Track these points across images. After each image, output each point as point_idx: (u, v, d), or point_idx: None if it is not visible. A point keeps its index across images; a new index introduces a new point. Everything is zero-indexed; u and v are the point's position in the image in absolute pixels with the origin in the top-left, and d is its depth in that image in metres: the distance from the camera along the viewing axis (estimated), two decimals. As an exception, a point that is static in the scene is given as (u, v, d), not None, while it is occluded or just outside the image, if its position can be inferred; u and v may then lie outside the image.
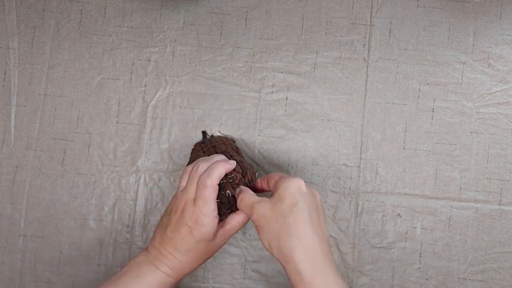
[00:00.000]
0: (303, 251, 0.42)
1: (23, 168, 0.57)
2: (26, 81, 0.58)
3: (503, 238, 0.55)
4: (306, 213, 0.43)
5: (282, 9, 0.58)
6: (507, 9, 0.57)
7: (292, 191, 0.44)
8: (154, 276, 0.46)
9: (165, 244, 0.46)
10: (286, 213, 0.43)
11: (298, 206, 0.43)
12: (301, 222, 0.43)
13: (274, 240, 0.43)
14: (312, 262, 0.42)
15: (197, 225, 0.45)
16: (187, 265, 0.46)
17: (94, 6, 0.59)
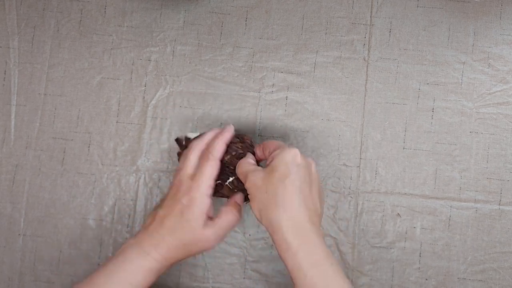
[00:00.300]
0: (290, 221, 0.42)
1: (23, 168, 0.57)
2: (26, 80, 0.58)
3: (503, 238, 0.55)
4: (297, 185, 0.43)
5: (282, 9, 0.58)
6: (507, 9, 0.57)
7: (285, 162, 0.43)
8: (139, 259, 0.44)
9: (155, 223, 0.45)
10: (277, 184, 0.43)
11: (290, 177, 0.43)
12: (290, 194, 0.43)
13: (263, 210, 0.43)
14: (298, 232, 0.42)
15: (190, 201, 0.44)
16: (172, 249, 0.45)
17: (94, 5, 0.59)
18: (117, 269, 0.44)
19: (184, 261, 0.56)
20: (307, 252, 0.42)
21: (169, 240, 0.45)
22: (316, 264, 0.41)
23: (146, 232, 0.46)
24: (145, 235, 0.45)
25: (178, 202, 0.45)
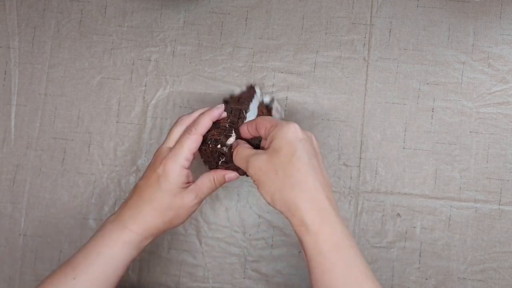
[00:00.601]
0: (309, 201, 0.40)
1: (24, 168, 0.57)
2: (27, 80, 0.58)
3: (502, 238, 0.55)
4: (306, 160, 0.41)
5: (282, 9, 0.58)
6: (507, 9, 0.57)
7: (288, 139, 0.41)
8: (117, 232, 0.43)
9: (134, 194, 0.45)
10: (285, 164, 0.41)
11: (297, 154, 0.41)
12: (303, 171, 0.40)
13: (276, 193, 0.41)
14: (318, 211, 0.40)
15: (165, 170, 0.44)
16: (150, 219, 0.44)
17: (95, 5, 0.59)
18: (97, 244, 0.43)
19: (184, 261, 0.56)
20: (328, 233, 0.39)
21: (146, 210, 0.44)
22: (337, 247, 0.39)
23: (125, 206, 0.45)
24: (123, 208, 0.45)
25: (154, 172, 0.44)
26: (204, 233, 0.57)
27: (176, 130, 0.46)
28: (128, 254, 0.44)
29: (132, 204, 0.45)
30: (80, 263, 0.43)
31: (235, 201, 0.57)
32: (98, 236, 0.44)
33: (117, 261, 0.43)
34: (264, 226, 0.57)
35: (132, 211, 0.44)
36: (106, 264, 0.43)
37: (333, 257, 0.39)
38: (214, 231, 0.57)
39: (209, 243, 0.57)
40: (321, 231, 0.39)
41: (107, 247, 0.43)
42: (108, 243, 0.43)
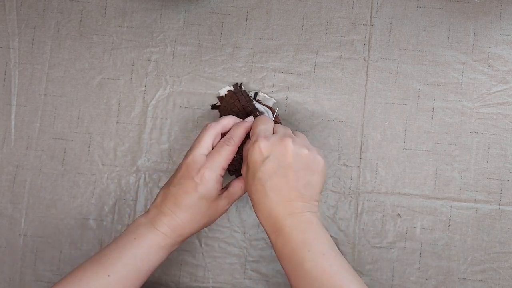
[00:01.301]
0: (263, 218, 0.44)
1: (24, 168, 0.57)
2: (27, 81, 0.58)
3: (503, 238, 0.55)
4: (263, 182, 0.43)
5: (282, 9, 0.58)
6: (507, 9, 0.57)
7: (253, 160, 0.44)
8: (151, 236, 0.45)
9: (167, 200, 0.46)
10: (250, 184, 0.45)
11: (256, 176, 0.44)
12: (260, 192, 0.43)
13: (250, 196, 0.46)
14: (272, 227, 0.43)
15: (204, 180, 0.45)
16: (186, 225, 0.46)
17: (95, 6, 0.59)
18: (129, 246, 0.44)
19: (184, 261, 0.56)
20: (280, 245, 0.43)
21: (183, 216, 0.45)
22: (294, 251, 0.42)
23: (158, 210, 0.46)
24: (157, 213, 0.46)
25: (191, 180, 0.45)
26: (204, 233, 0.57)
27: (206, 138, 0.47)
28: (160, 257, 0.46)
29: (166, 210, 0.46)
30: (114, 263, 0.44)
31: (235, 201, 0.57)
32: (131, 238, 0.45)
33: (149, 263, 0.45)
34: (264, 226, 0.57)
35: (167, 217, 0.45)
36: (139, 265, 0.44)
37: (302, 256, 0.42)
38: (214, 231, 0.57)
39: (209, 243, 0.57)
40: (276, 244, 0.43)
41: (142, 250, 0.44)
42: (143, 246, 0.45)
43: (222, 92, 0.56)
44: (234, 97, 0.55)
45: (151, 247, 0.45)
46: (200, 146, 0.47)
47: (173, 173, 0.48)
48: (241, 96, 0.55)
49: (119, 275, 0.43)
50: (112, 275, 0.43)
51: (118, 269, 0.43)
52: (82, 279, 0.43)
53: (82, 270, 0.44)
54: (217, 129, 0.48)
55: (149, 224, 0.46)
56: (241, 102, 0.54)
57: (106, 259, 0.44)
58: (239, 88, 0.57)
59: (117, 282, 0.43)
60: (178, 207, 0.45)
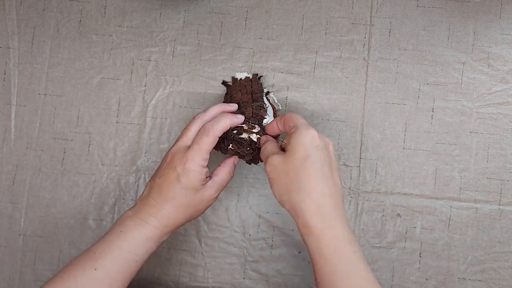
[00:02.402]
0: (312, 205, 0.42)
1: (23, 168, 0.57)
2: (26, 80, 0.58)
3: (502, 238, 0.55)
4: (318, 167, 0.42)
5: (282, 9, 0.58)
6: (507, 9, 0.57)
7: (304, 144, 0.43)
8: (139, 229, 0.45)
9: (153, 192, 0.46)
10: (298, 167, 0.42)
11: (310, 159, 0.42)
12: (312, 177, 0.42)
13: (285, 194, 0.43)
14: (321, 216, 0.41)
15: (185, 170, 0.45)
16: (172, 216, 0.45)
17: (94, 5, 0.59)
18: (118, 239, 0.44)
19: (184, 261, 0.56)
20: (330, 238, 0.41)
21: (168, 207, 0.45)
22: (338, 250, 0.41)
23: (143, 202, 0.46)
24: (143, 205, 0.46)
25: (173, 170, 0.45)
26: (204, 233, 0.57)
27: (193, 128, 0.47)
28: (148, 248, 0.45)
29: (151, 201, 0.46)
30: (101, 256, 0.44)
31: (235, 201, 0.57)
32: (117, 232, 0.45)
33: (137, 255, 0.45)
34: (264, 226, 0.57)
35: (153, 209, 0.45)
36: (127, 258, 0.44)
37: (334, 260, 0.41)
38: (214, 231, 0.57)
39: (209, 243, 0.57)
40: (323, 235, 0.41)
41: (128, 242, 0.44)
42: (129, 238, 0.45)
43: (239, 76, 0.56)
44: (249, 83, 0.55)
45: (138, 239, 0.45)
46: (185, 136, 0.47)
47: (159, 164, 0.48)
48: (255, 85, 0.54)
49: (106, 268, 0.43)
50: (100, 269, 0.43)
51: (105, 263, 0.43)
52: (70, 274, 0.43)
53: (70, 266, 0.44)
54: (204, 120, 0.48)
55: (135, 216, 0.45)
56: (253, 88, 0.54)
57: (93, 253, 0.44)
58: (257, 78, 0.57)
59: (105, 275, 0.43)
60: (164, 198, 0.45)
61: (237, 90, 0.54)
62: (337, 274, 0.40)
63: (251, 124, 0.49)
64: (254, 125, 0.49)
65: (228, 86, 0.57)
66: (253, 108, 0.50)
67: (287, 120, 0.46)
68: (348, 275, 0.40)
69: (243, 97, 0.52)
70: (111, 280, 0.43)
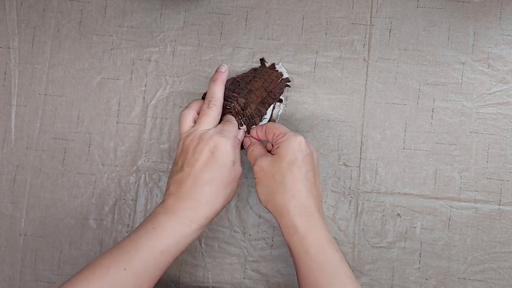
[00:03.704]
0: (298, 206, 0.44)
1: (24, 168, 0.57)
2: (27, 80, 0.58)
3: (502, 238, 0.55)
4: (303, 172, 0.45)
5: (282, 9, 0.58)
6: (507, 9, 0.57)
7: (292, 149, 0.45)
8: (173, 225, 0.42)
9: (183, 183, 0.44)
10: (284, 170, 0.45)
11: (297, 164, 0.45)
12: (298, 181, 0.45)
13: (269, 195, 0.46)
14: (307, 216, 0.44)
15: (219, 145, 0.44)
16: (210, 201, 0.44)
17: (95, 6, 0.59)
18: (147, 237, 0.42)
19: (184, 261, 0.56)
20: (314, 237, 0.43)
21: (205, 194, 0.44)
22: (323, 249, 0.43)
23: (175, 197, 0.44)
24: (175, 200, 0.44)
25: (204, 152, 0.44)
26: (204, 233, 0.57)
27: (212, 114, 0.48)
28: (181, 246, 0.43)
29: (185, 194, 0.44)
30: (131, 255, 0.41)
31: (235, 201, 0.57)
32: (149, 228, 0.42)
33: (169, 254, 0.43)
34: (264, 226, 0.57)
35: (188, 202, 0.43)
36: (157, 257, 0.42)
37: (319, 258, 0.43)
38: (214, 231, 0.57)
39: (209, 243, 0.57)
40: (308, 235, 0.43)
41: (161, 241, 0.42)
42: (162, 237, 0.42)
43: (279, 69, 0.56)
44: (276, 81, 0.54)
45: (171, 238, 0.42)
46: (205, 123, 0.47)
47: (174, 162, 0.47)
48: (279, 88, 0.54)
49: (135, 269, 0.40)
50: (128, 269, 0.40)
51: (134, 262, 0.41)
52: (95, 273, 0.40)
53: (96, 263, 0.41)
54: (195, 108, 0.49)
55: (169, 213, 0.43)
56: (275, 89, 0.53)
57: (121, 251, 0.41)
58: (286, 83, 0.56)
59: (133, 275, 0.40)
60: (199, 185, 0.43)
61: (263, 77, 0.53)
62: (323, 272, 0.42)
63: (241, 121, 0.49)
64: (242, 123, 0.50)
65: (260, 68, 0.56)
66: (253, 110, 0.50)
67: (271, 129, 0.48)
68: (333, 273, 0.42)
69: (260, 89, 0.52)
70: (139, 280, 0.41)
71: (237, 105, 0.49)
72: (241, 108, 0.49)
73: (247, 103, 0.50)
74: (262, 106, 0.51)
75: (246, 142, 0.50)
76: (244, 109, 0.49)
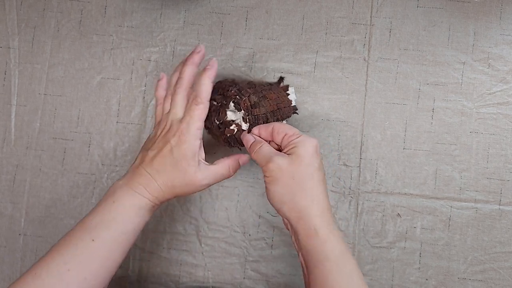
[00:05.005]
0: (320, 210, 0.44)
1: (24, 168, 0.57)
2: (27, 80, 0.58)
3: (503, 238, 0.55)
4: (322, 177, 0.45)
5: (282, 9, 0.58)
6: (507, 9, 0.57)
7: (310, 152, 0.45)
8: (130, 199, 0.45)
9: (145, 164, 0.46)
10: (305, 173, 0.44)
11: (316, 168, 0.45)
12: (318, 185, 0.45)
13: (287, 196, 0.44)
14: (326, 222, 0.44)
15: (179, 142, 0.45)
16: (163, 188, 0.45)
17: (95, 5, 0.59)
18: (110, 210, 0.44)
19: (184, 261, 0.56)
20: (334, 242, 0.43)
21: (159, 179, 0.45)
22: (342, 253, 0.43)
23: (135, 173, 0.46)
24: (135, 175, 0.46)
25: (167, 143, 0.45)
26: (204, 233, 0.57)
27: (179, 100, 0.48)
28: (141, 217, 0.45)
29: (142, 171, 0.45)
30: (97, 227, 0.43)
31: (235, 201, 0.57)
32: (110, 202, 0.45)
33: (131, 224, 0.44)
34: (264, 226, 0.57)
35: (143, 178, 0.45)
36: (121, 227, 0.44)
37: (339, 262, 0.43)
38: (214, 231, 0.57)
39: (209, 243, 0.57)
40: (329, 239, 0.43)
41: (121, 213, 0.44)
42: (121, 208, 0.44)
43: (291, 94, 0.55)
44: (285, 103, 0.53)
45: (131, 209, 0.44)
46: (175, 109, 0.47)
47: (151, 135, 0.48)
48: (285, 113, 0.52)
49: (103, 239, 0.43)
50: (97, 239, 0.43)
51: (101, 233, 0.43)
52: (67, 246, 0.42)
53: (66, 237, 0.43)
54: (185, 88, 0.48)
55: (126, 186, 0.45)
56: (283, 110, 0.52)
57: (89, 224, 0.43)
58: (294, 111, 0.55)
59: (103, 245, 0.43)
60: (155, 171, 0.45)
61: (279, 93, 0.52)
62: (343, 274, 0.43)
63: (247, 118, 0.49)
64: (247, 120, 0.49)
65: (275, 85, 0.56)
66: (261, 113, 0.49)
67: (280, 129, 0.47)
68: (351, 274, 0.43)
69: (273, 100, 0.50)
70: (109, 249, 0.43)
71: (248, 101, 0.49)
72: (250, 105, 0.49)
73: (258, 103, 0.49)
74: (270, 116, 0.50)
75: (248, 139, 0.48)
76: (253, 108, 0.49)
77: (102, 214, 0.44)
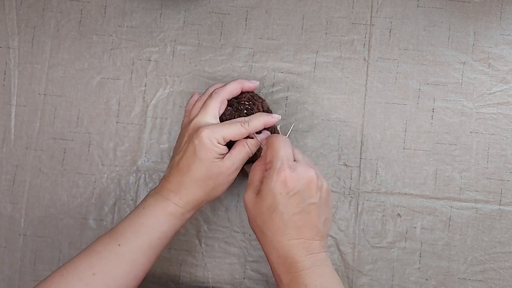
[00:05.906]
0: (279, 257, 0.42)
1: (23, 168, 0.57)
2: (26, 80, 0.58)
3: (503, 238, 0.55)
4: (286, 218, 0.42)
5: (282, 9, 0.58)
6: (507, 9, 0.57)
7: (274, 191, 0.42)
8: (160, 205, 0.45)
9: (173, 170, 0.46)
10: (265, 216, 0.43)
11: (278, 210, 0.42)
12: (277, 230, 0.42)
13: (256, 229, 0.44)
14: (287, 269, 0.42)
15: (201, 140, 0.44)
16: (193, 191, 0.45)
17: (94, 5, 0.59)
18: (139, 216, 0.45)
19: (184, 261, 0.56)
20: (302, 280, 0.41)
21: (186, 181, 0.45)
22: None
23: (164, 180, 0.47)
24: (165, 183, 0.46)
25: (191, 144, 0.45)
26: (204, 233, 0.57)
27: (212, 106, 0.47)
28: (171, 225, 0.45)
29: (172, 178, 0.46)
30: (124, 232, 0.44)
31: (235, 201, 0.57)
32: (140, 209, 0.45)
33: (160, 232, 0.44)
34: (264, 226, 0.57)
35: (173, 185, 0.45)
36: (149, 234, 0.44)
37: None
38: (214, 231, 0.57)
39: (209, 243, 0.57)
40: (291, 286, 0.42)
41: (150, 219, 0.44)
42: (151, 214, 0.45)
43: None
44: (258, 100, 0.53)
45: (160, 215, 0.44)
46: (205, 113, 0.47)
47: (175, 145, 0.49)
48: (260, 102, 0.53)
49: (129, 244, 0.43)
50: (123, 245, 0.43)
51: (128, 239, 0.43)
52: (94, 250, 0.43)
53: (94, 243, 0.44)
54: (223, 96, 0.48)
55: (157, 195, 0.46)
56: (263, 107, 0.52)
57: (117, 230, 0.44)
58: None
59: (129, 250, 0.43)
60: (182, 173, 0.45)
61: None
62: None
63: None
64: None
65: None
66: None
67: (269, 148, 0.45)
68: None
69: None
70: (135, 255, 0.43)
71: (260, 107, 0.50)
72: (263, 111, 0.50)
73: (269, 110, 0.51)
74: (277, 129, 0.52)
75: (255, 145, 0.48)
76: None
77: (131, 219, 0.45)
